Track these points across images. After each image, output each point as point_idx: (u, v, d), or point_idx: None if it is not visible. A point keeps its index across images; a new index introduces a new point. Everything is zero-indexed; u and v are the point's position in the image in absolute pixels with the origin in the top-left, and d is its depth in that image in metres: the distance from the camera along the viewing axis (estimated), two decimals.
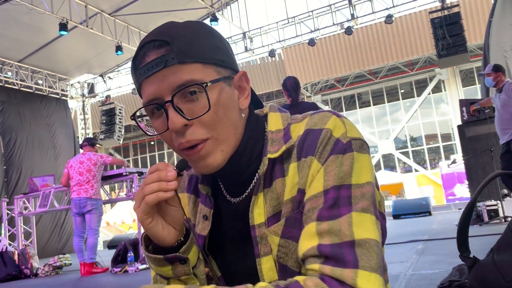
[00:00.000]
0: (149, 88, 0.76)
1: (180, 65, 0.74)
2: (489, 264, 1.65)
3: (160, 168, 0.74)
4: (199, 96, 0.75)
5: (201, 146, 0.76)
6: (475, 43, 16.54)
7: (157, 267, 0.80)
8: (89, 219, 6.49)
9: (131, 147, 27.70)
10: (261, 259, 0.81)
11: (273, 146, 0.81)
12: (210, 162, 0.78)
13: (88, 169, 6.53)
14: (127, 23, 13.32)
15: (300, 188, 0.78)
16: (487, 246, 1.73)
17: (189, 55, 0.75)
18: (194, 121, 0.75)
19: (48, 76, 14.48)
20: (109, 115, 14.43)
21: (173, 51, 0.74)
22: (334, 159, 0.75)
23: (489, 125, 7.03)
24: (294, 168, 0.79)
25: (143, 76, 0.76)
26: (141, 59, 0.77)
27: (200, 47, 0.76)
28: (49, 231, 12.36)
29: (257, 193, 0.81)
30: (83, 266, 6.45)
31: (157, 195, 0.72)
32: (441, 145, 22.25)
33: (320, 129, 0.78)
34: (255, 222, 0.81)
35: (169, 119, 0.74)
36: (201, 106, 0.75)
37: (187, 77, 0.74)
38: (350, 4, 11.99)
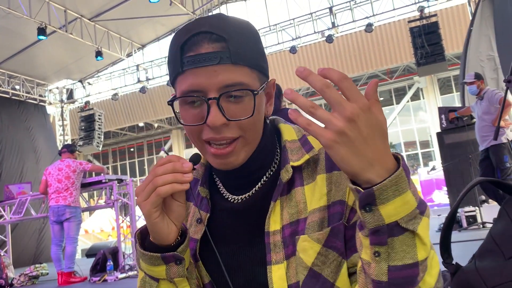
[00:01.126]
0: (195, 79, 0.75)
1: (233, 66, 0.75)
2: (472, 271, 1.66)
3: (173, 159, 0.73)
4: (243, 99, 0.76)
5: (233, 146, 0.78)
6: (452, 52, 16.88)
7: (151, 266, 0.77)
8: (67, 227, 6.36)
9: (110, 153, 27.33)
10: (272, 266, 0.80)
11: (293, 155, 0.83)
12: (232, 160, 0.79)
13: (67, 176, 6.41)
14: (107, 28, 13.19)
15: (340, 200, 0.78)
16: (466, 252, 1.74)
17: (242, 58, 0.76)
18: (231, 122, 0.76)
19: (25, 81, 14.20)
20: (88, 121, 14.22)
21: (229, 50, 0.74)
22: None
23: (467, 133, 7.18)
24: (322, 179, 0.80)
25: (192, 65, 0.75)
26: (192, 47, 0.75)
27: (252, 52, 0.78)
28: (26, 240, 12.05)
29: (276, 200, 0.81)
30: (60, 276, 6.31)
31: (172, 187, 0.71)
32: (419, 152, 22.59)
33: None
34: (270, 228, 0.81)
35: (210, 115, 0.75)
36: (242, 109, 0.76)
37: (238, 79, 0.75)
38: (331, 12, 12.12)
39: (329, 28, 12.32)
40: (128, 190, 7.06)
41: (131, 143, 27.04)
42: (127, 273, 6.44)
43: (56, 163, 6.63)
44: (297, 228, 0.80)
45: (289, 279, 0.78)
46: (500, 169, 5.52)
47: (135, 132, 25.81)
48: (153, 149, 26.59)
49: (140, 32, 14.59)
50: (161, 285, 0.79)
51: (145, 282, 0.81)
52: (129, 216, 7.03)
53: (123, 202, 7.00)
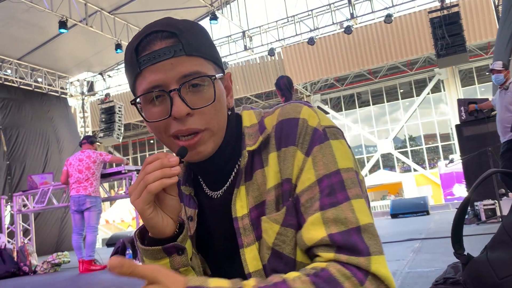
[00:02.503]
0: (154, 75, 0.77)
1: (187, 57, 0.78)
2: (483, 262, 1.66)
3: (160, 156, 0.75)
4: (203, 88, 0.79)
5: (199, 136, 0.79)
6: (474, 43, 16.56)
7: (154, 261, 0.80)
8: (88, 217, 6.50)
9: (130, 145, 27.70)
10: (244, 249, 0.82)
11: (250, 140, 0.85)
12: (202, 150, 0.81)
13: (87, 166, 6.54)
14: (126, 21, 13.32)
15: (287, 178, 0.80)
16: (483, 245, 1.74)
17: (195, 49, 0.79)
18: (195, 111, 0.78)
19: (47, 74, 14.47)
20: (109, 113, 14.42)
21: (181, 43, 0.77)
22: (319, 149, 0.79)
23: (487, 125, 7.06)
24: (274, 157, 0.82)
25: (148, 63, 0.77)
26: (146, 47, 0.78)
27: (204, 44, 0.81)
28: (48, 229, 12.36)
29: (239, 186, 0.84)
30: (81, 264, 6.47)
31: (161, 182, 0.73)
32: (440, 145, 22.28)
33: (295, 118, 0.82)
34: (237, 214, 0.83)
35: (174, 105, 0.77)
36: (204, 98, 0.79)
37: (194, 68, 0.78)
38: (350, 3, 11.99)
39: (348, 19, 12.19)
40: None
41: (150, 135, 27.34)
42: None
43: (77, 154, 6.77)
44: (263, 209, 0.82)
45: (263, 259, 0.82)
46: None
47: None
48: None
49: None
50: None
51: None
52: None
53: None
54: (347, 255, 0.72)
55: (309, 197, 0.77)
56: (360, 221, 0.74)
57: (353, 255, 0.72)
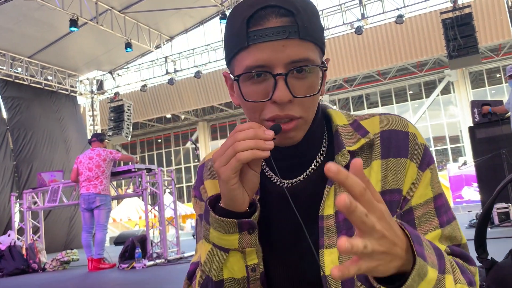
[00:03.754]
0: (262, 53, 0.73)
1: (300, 41, 0.73)
2: (508, 266, 1.62)
3: (253, 126, 0.71)
4: (308, 76, 0.76)
5: (295, 122, 0.77)
6: (485, 44, 16.41)
7: (224, 234, 0.75)
8: (97, 215, 6.51)
9: (138, 144, 27.78)
10: (324, 250, 0.78)
11: (347, 140, 0.83)
12: (292, 135, 0.78)
13: (97, 164, 6.55)
14: (137, 20, 13.35)
15: (397, 188, 0.80)
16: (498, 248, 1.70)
17: (309, 33, 0.74)
18: (296, 99, 0.75)
19: (57, 72, 14.54)
20: (118, 112, 14.46)
21: (297, 24, 0.73)
22: (433, 168, 0.82)
23: (501, 127, 6.97)
24: (378, 165, 0.81)
25: (259, 39, 0.73)
26: (259, 21, 0.73)
27: (316, 28, 0.76)
28: (58, 226, 12.42)
29: (332, 184, 0.80)
30: (90, 262, 6.48)
31: (253, 153, 0.68)
32: (449, 147, 22.11)
33: (404, 131, 0.82)
34: (324, 213, 0.80)
35: (277, 90, 0.73)
36: (308, 86, 0.76)
37: (305, 54, 0.74)
38: (361, 3, 11.92)
39: (359, 19, 12.12)
40: (157, 180, 7.16)
41: (158, 134, 27.41)
42: (155, 261, 6.56)
43: (87, 152, 6.78)
44: None
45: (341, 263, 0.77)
46: None
47: (163, 123, 26.13)
48: (179, 141, 26.88)
49: (168, 24, 14.70)
50: (230, 257, 0.77)
51: (213, 255, 0.78)
52: (157, 205, 7.14)
53: (151, 191, 7.11)
54: (462, 261, 0.78)
55: (424, 212, 0.80)
56: (462, 239, 0.81)
57: (466, 262, 0.78)
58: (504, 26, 14.27)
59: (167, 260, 6.74)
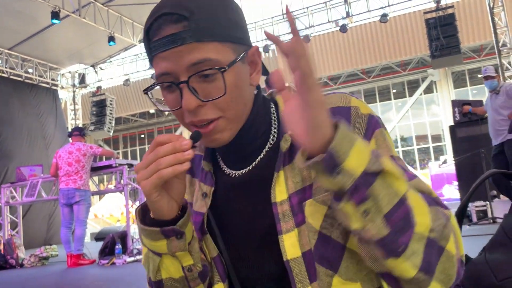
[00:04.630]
0: (163, 63, 0.74)
1: (198, 43, 0.72)
2: (482, 263, 1.64)
3: (172, 138, 0.71)
4: (215, 77, 0.74)
5: (213, 125, 0.77)
6: (467, 45, 16.63)
7: (152, 241, 0.77)
8: (77, 210, 6.43)
9: (121, 139, 27.51)
10: (283, 236, 0.78)
11: None
12: (217, 138, 0.79)
13: (77, 159, 6.46)
14: (120, 13, 13.18)
15: None
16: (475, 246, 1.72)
17: (207, 33, 0.73)
18: (207, 102, 0.75)
19: (38, 65, 14.29)
20: (100, 106, 14.29)
21: (190, 29, 0.72)
22: (380, 132, 0.79)
23: (481, 127, 7.08)
24: None
25: (158, 50, 0.74)
26: (156, 32, 0.74)
27: (219, 24, 0.74)
28: (37, 222, 12.21)
29: (279, 170, 0.80)
30: (69, 258, 6.40)
31: (174, 169, 0.70)
32: (431, 146, 22.40)
33: (346, 107, 0.80)
34: (277, 199, 0.80)
35: (183, 98, 0.74)
36: (217, 88, 0.74)
37: (204, 56, 0.73)
38: (346, 2, 11.97)
39: (343, 17, 12.17)
40: None
41: (141, 130, 27.17)
42: (135, 257, 6.51)
43: (66, 146, 6.67)
44: (304, 195, 0.78)
45: (302, 246, 0.78)
46: None
47: (146, 118, 25.92)
48: None
49: None
50: (164, 260, 0.80)
51: (148, 258, 0.82)
52: (138, 201, 7.08)
53: (133, 187, 7.05)
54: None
55: None
56: (432, 193, 0.75)
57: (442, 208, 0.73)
58: (486, 27, 14.47)
59: None
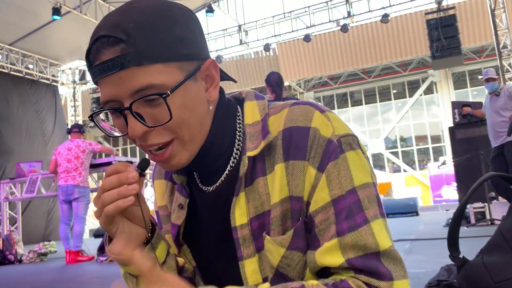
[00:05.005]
0: (106, 89, 0.69)
1: (138, 68, 0.66)
2: (479, 265, 1.65)
3: (119, 169, 0.68)
4: (160, 102, 0.68)
5: (169, 151, 0.72)
6: (468, 46, 16.63)
7: (124, 266, 0.75)
8: (76, 207, 6.43)
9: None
10: (244, 261, 0.77)
11: (252, 142, 0.77)
12: (175, 163, 0.74)
13: (76, 156, 6.45)
14: None
15: (296, 196, 0.74)
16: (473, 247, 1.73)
17: (147, 56, 0.67)
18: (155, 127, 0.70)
19: (39, 61, 14.29)
20: (100, 103, 14.28)
21: (129, 52, 0.66)
22: (334, 165, 0.72)
23: (480, 128, 7.09)
24: (281, 168, 0.75)
25: (98, 75, 0.69)
26: (95, 56, 0.68)
27: (161, 44, 0.68)
28: (36, 218, 12.22)
29: (238, 193, 0.77)
30: (68, 254, 6.40)
31: (116, 206, 0.67)
32: (430, 147, 22.40)
33: (306, 127, 0.74)
34: (236, 223, 0.77)
35: (129, 126, 0.69)
36: (164, 112, 0.68)
37: (146, 81, 0.67)
38: (347, 1, 11.97)
39: (345, 17, 12.18)
40: None
41: None
42: None
43: (65, 142, 6.67)
44: (264, 221, 0.76)
45: (263, 272, 0.77)
46: None
47: None
48: None
49: None
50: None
51: (126, 278, 0.79)
52: None
53: None
54: (367, 277, 0.69)
55: (323, 219, 0.72)
56: (380, 246, 0.70)
57: (373, 278, 0.68)
58: (487, 29, 14.47)
59: None
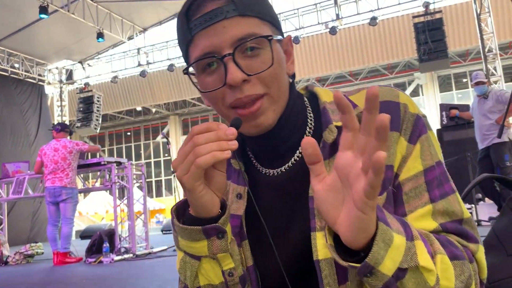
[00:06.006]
0: (206, 40, 0.72)
1: (241, 18, 0.72)
2: None
3: (212, 127, 0.65)
4: (259, 51, 0.73)
5: (259, 103, 0.73)
6: (453, 50, 16.86)
7: (192, 242, 0.71)
8: (63, 208, 6.34)
9: (107, 136, 27.26)
10: (316, 233, 0.74)
11: (336, 115, 0.78)
12: (262, 121, 0.75)
13: (63, 157, 6.34)
14: (109, 10, 13.07)
15: (389, 165, 0.74)
16: None
17: (250, 8, 0.72)
18: (252, 77, 0.72)
19: (25, 60, 14.09)
20: (87, 103, 14.14)
21: (233, 2, 0.71)
22: (425, 138, 0.76)
23: (467, 130, 7.19)
24: None
25: (199, 27, 0.72)
26: (196, 10, 0.73)
27: (259, 2, 0.74)
28: (21, 219, 12.04)
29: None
30: (56, 255, 6.32)
31: (213, 156, 0.63)
32: None
33: (394, 102, 0.77)
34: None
35: (228, 72, 0.71)
36: (261, 62, 0.73)
37: (249, 30, 0.72)
38: (336, 4, 12.05)
39: (333, 19, 12.25)
40: (126, 173, 7.05)
41: (128, 127, 26.95)
42: (123, 256, 6.46)
43: (51, 143, 6.53)
44: None
45: None
46: (500, 168, 5.55)
47: (133, 116, 25.72)
48: (149, 134, 26.52)
49: (142, 15, 14.45)
50: (203, 264, 0.73)
51: (185, 263, 0.75)
52: (126, 199, 7.03)
53: (121, 185, 6.99)
54: (458, 238, 0.72)
55: (414, 187, 0.74)
56: (464, 214, 0.74)
57: (463, 239, 0.72)
58: (472, 33, 14.69)
59: (135, 255, 6.66)
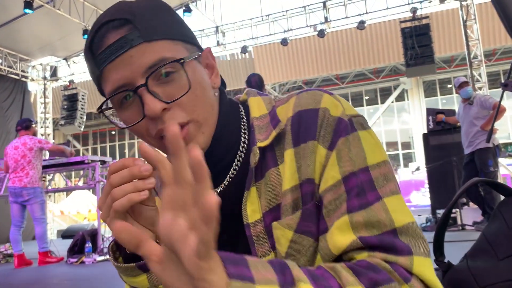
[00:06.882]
0: (115, 74, 0.66)
1: (148, 44, 0.66)
2: (464, 270, 1.66)
3: (127, 164, 0.59)
4: (175, 76, 0.67)
5: (185, 131, 0.68)
6: (439, 55, 17.07)
7: (130, 278, 0.69)
8: (31, 209, 6.06)
9: (91, 135, 26.95)
10: None
11: (261, 134, 0.74)
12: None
13: (22, 155, 6.02)
14: (96, 6, 12.90)
15: (308, 178, 0.70)
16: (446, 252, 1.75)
17: (155, 31, 0.67)
18: (172, 104, 0.67)
19: (8, 56, 13.83)
20: (71, 100, 13.95)
21: (137, 29, 0.65)
22: (344, 142, 0.69)
23: (453, 135, 7.26)
24: (290, 155, 0.72)
25: (106, 61, 0.66)
26: (99, 43, 0.67)
27: (166, 22, 0.69)
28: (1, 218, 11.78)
29: (249, 187, 0.73)
30: (17, 258, 6.04)
31: (128, 199, 0.57)
32: (400, 153, 22.86)
33: (315, 109, 0.72)
34: (249, 220, 0.73)
35: (145, 104, 0.65)
36: (178, 87, 0.67)
37: (159, 55, 0.66)
38: (325, 7, 12.09)
39: (322, 22, 12.28)
40: None
41: (112, 126, 26.58)
42: (106, 256, 6.36)
43: (13, 141, 6.24)
44: (278, 214, 0.72)
45: None
46: (484, 173, 5.60)
47: None
48: None
49: None
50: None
51: None
52: None
53: (104, 184, 6.89)
54: (383, 253, 0.62)
55: (332, 198, 0.68)
56: (396, 222, 0.64)
57: (390, 254, 0.62)
58: (458, 39, 14.90)
59: None
